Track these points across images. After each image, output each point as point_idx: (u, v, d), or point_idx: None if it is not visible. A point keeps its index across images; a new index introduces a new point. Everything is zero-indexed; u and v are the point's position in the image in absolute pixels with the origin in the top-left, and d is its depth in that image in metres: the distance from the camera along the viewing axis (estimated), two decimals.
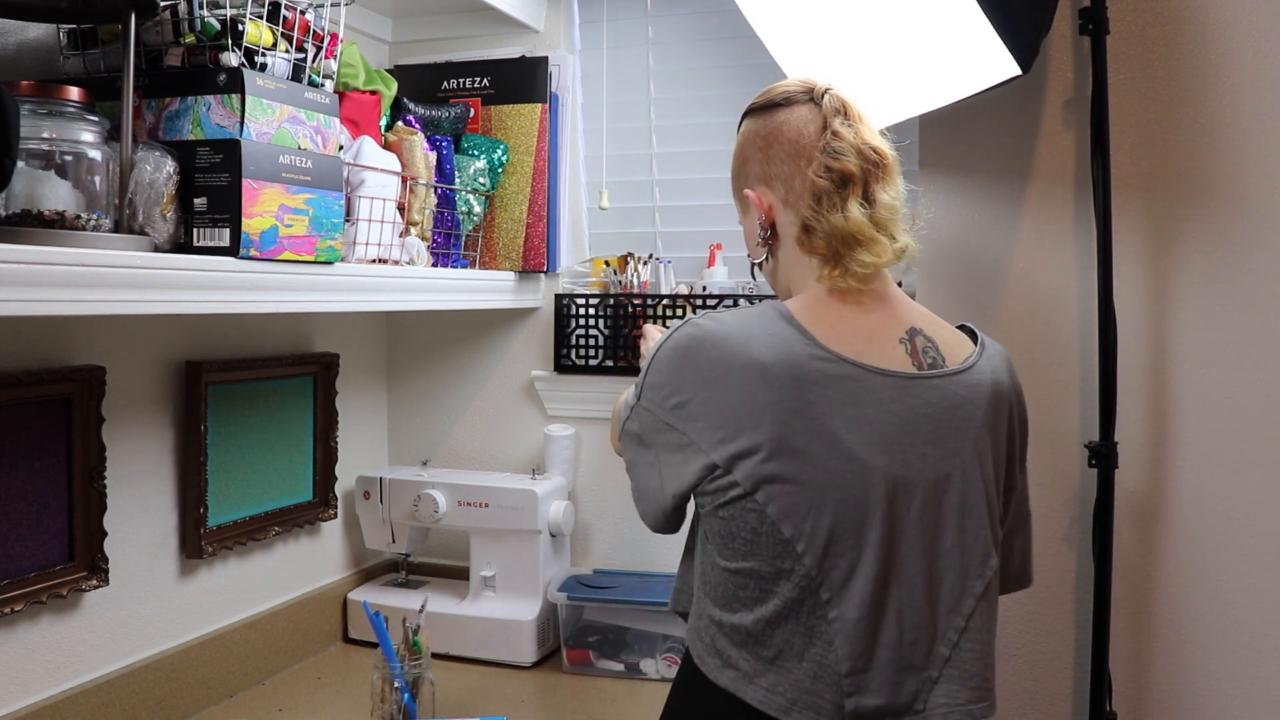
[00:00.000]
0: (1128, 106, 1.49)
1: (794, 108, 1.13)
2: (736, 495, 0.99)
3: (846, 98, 1.13)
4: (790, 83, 1.16)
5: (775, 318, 1.04)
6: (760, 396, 0.98)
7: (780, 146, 1.12)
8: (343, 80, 1.52)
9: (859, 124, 1.11)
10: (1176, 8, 1.46)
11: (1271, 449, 1.45)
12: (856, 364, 1.01)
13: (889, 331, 1.07)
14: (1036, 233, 1.55)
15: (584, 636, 1.67)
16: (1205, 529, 1.48)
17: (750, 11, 1.44)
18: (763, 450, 0.98)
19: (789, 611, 1.00)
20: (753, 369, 0.99)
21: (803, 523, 0.98)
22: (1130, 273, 1.50)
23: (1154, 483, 1.50)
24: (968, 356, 1.10)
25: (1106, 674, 1.45)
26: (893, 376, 1.02)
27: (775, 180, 1.13)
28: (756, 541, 0.99)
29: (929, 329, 1.11)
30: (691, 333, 1.04)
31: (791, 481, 0.98)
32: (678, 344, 1.04)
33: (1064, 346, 1.54)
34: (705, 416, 1.00)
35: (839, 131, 1.09)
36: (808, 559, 0.98)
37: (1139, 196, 1.49)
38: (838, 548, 0.99)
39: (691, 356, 1.02)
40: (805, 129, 1.11)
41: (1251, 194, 1.44)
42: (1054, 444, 1.55)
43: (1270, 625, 1.46)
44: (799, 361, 0.99)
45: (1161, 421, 1.50)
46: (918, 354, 1.07)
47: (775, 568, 0.99)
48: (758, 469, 0.98)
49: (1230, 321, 1.46)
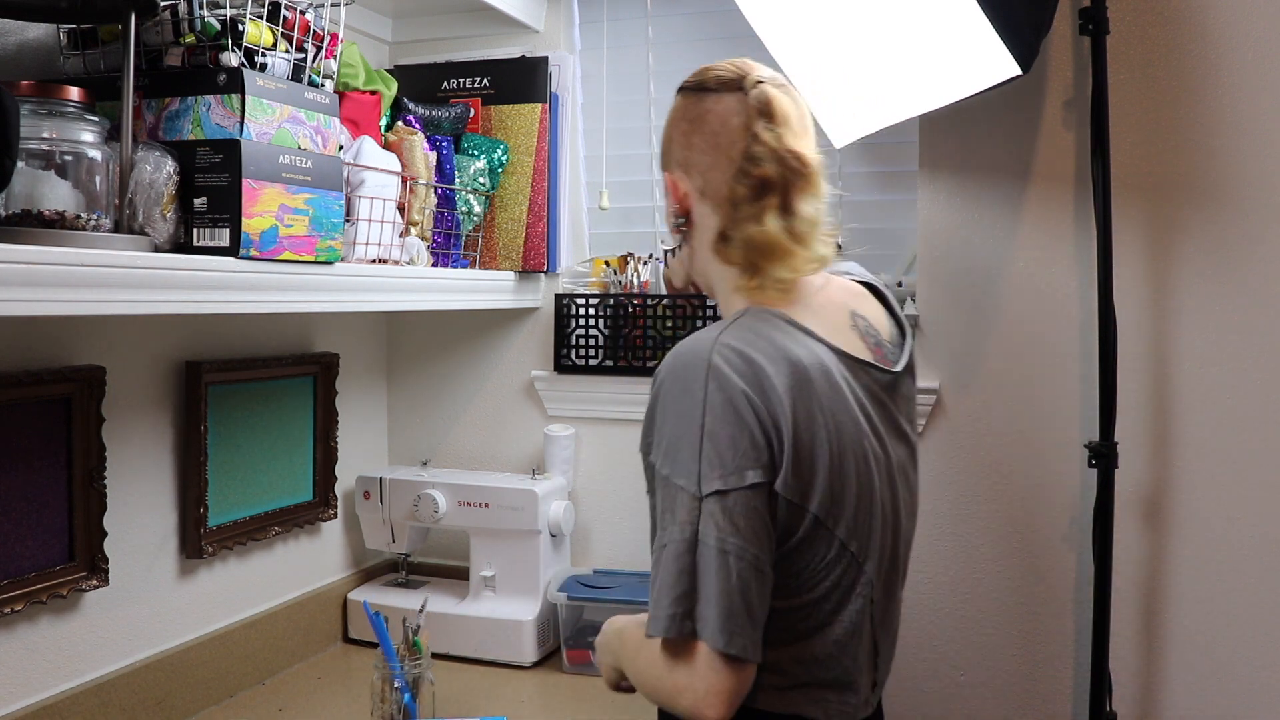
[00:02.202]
0: (1128, 106, 1.49)
1: (721, 96, 1.07)
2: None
3: (774, 94, 1.05)
4: (725, 67, 1.09)
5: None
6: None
7: (702, 136, 1.08)
8: (343, 80, 1.52)
9: (783, 127, 1.04)
10: (1176, 8, 1.46)
11: (1271, 449, 1.45)
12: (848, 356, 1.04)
13: (842, 319, 1.08)
14: (1036, 233, 1.55)
15: (584, 636, 1.67)
16: (1205, 529, 1.48)
17: (750, 11, 1.44)
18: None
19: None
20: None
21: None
22: (1130, 273, 1.50)
23: (1154, 483, 1.50)
24: (898, 337, 1.14)
25: (1106, 674, 1.45)
26: (860, 363, 1.05)
27: (694, 169, 1.09)
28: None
29: (860, 308, 1.12)
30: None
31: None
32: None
33: (1064, 346, 1.54)
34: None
35: (759, 134, 1.04)
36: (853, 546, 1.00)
37: (1139, 196, 1.49)
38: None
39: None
40: (729, 122, 1.06)
41: (1251, 194, 1.44)
42: (1054, 444, 1.55)
43: (1271, 625, 1.46)
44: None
45: (1161, 421, 1.50)
46: (865, 338, 1.08)
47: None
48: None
49: (1230, 321, 1.46)
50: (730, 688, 0.88)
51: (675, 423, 0.94)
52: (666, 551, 0.91)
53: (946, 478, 1.61)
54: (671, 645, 0.91)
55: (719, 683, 0.88)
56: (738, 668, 0.89)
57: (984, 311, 1.58)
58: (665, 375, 0.97)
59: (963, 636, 1.61)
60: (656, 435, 0.96)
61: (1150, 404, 1.50)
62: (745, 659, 0.89)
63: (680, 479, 0.92)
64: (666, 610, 0.90)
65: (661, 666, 0.92)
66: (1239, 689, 1.47)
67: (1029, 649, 1.57)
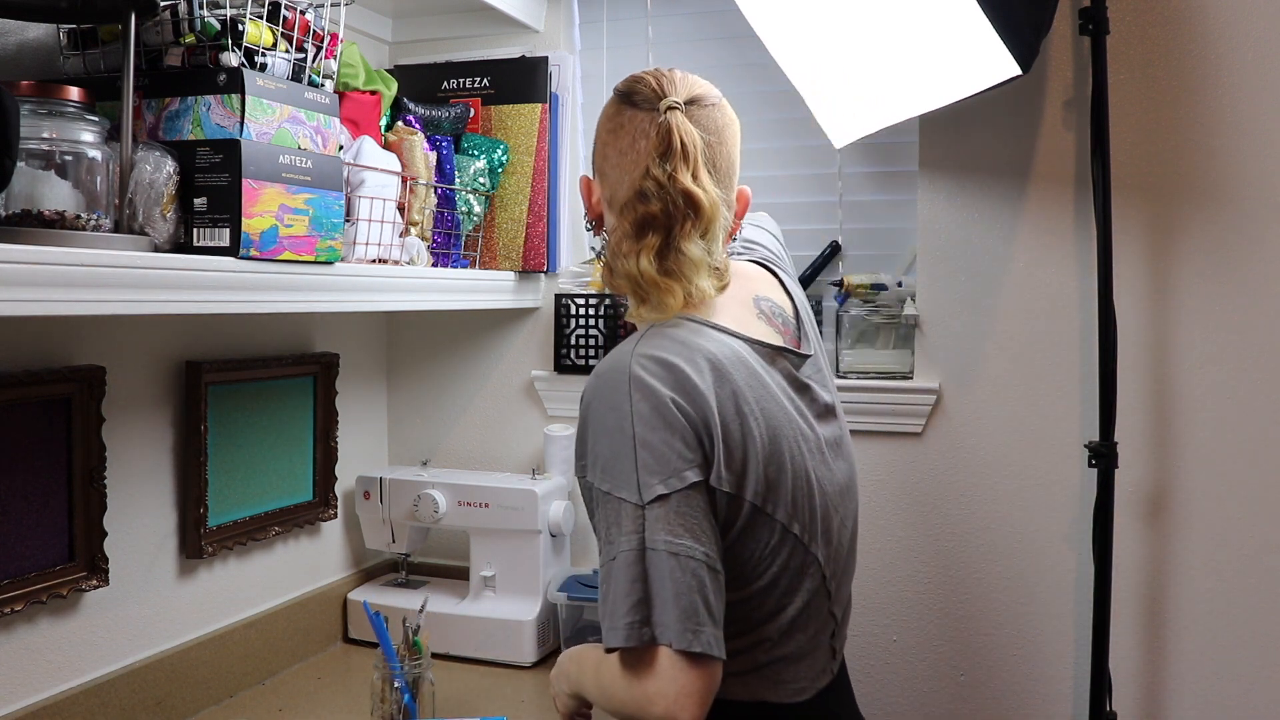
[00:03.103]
0: (1128, 106, 1.49)
1: (637, 113, 1.06)
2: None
3: (677, 125, 1.02)
4: (649, 82, 1.07)
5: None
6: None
7: (615, 149, 1.07)
8: (343, 80, 1.52)
9: (676, 162, 1.01)
10: (1176, 8, 1.46)
11: (1271, 449, 1.45)
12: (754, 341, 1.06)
13: (746, 308, 1.09)
14: (1036, 233, 1.55)
15: (584, 636, 1.67)
16: (1205, 529, 1.48)
17: (750, 11, 1.44)
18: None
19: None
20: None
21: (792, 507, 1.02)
22: (1130, 273, 1.50)
23: (1154, 483, 1.50)
24: (794, 317, 1.15)
25: (1106, 674, 1.45)
26: (774, 349, 1.06)
27: (606, 179, 1.09)
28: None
29: (760, 290, 1.13)
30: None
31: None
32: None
33: (1064, 346, 1.54)
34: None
35: (650, 169, 1.02)
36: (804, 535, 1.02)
37: (1139, 196, 1.49)
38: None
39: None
40: (637, 143, 1.04)
41: (1251, 194, 1.44)
42: (1054, 444, 1.55)
43: (1271, 625, 1.46)
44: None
45: (1161, 421, 1.50)
46: (772, 321, 1.10)
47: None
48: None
49: (1230, 321, 1.46)
50: (700, 687, 0.88)
51: (607, 438, 0.95)
52: (616, 563, 0.91)
53: (946, 478, 1.61)
54: (633, 656, 0.90)
55: (688, 684, 0.87)
56: (704, 666, 0.89)
57: (984, 311, 1.58)
58: (590, 395, 0.98)
59: (963, 636, 1.61)
60: (590, 455, 0.97)
61: (1150, 404, 1.50)
62: (711, 655, 0.89)
63: (621, 491, 0.92)
64: (624, 620, 0.89)
65: (626, 679, 0.91)
66: (1239, 689, 1.48)
67: (1029, 649, 1.58)
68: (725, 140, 1.07)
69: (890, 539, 1.64)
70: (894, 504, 1.64)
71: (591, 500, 0.98)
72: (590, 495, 0.98)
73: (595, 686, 1.00)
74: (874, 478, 1.64)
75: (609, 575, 0.92)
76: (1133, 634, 1.52)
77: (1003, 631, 1.59)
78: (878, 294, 1.64)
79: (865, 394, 1.61)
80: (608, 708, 0.98)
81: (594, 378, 1.00)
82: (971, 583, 1.61)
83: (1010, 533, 1.58)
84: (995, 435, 1.58)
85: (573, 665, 1.09)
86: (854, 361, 1.65)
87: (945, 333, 1.60)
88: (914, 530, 1.63)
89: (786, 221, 1.70)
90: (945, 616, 1.62)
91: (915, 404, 1.61)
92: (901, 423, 1.62)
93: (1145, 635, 1.52)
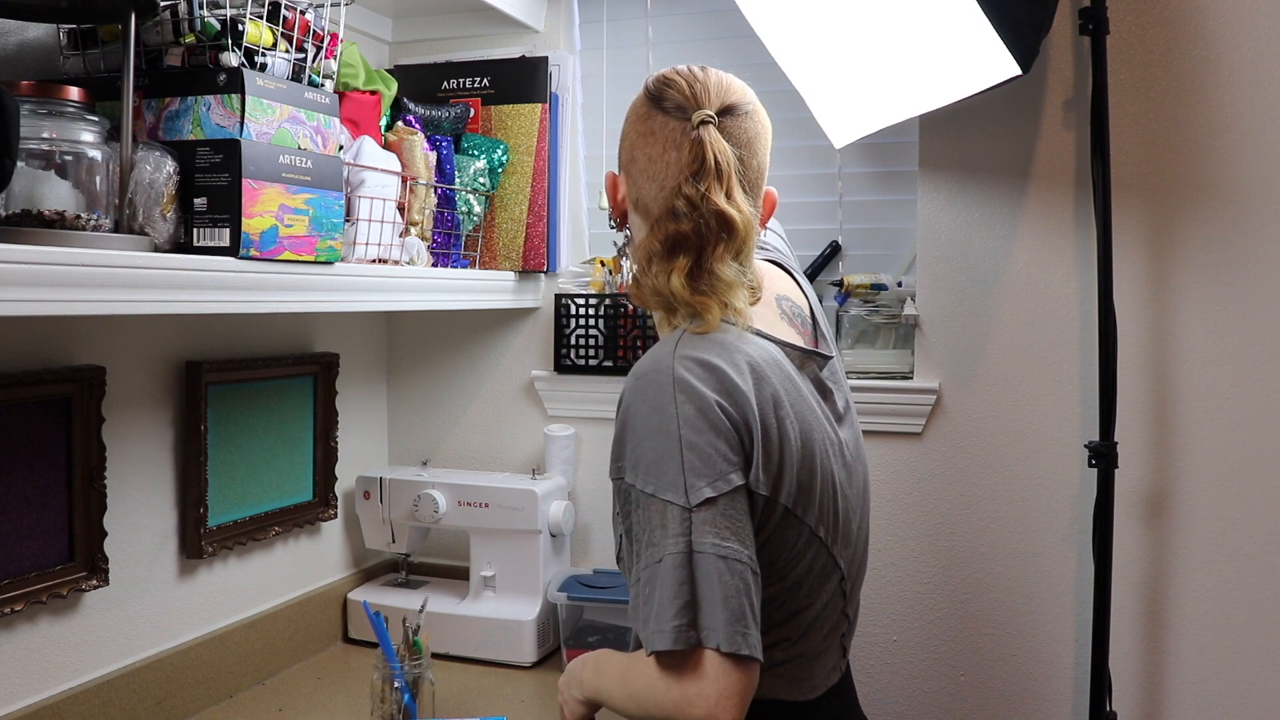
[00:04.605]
0: (1128, 106, 1.49)
1: (669, 120, 1.02)
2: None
3: (710, 141, 0.98)
4: (682, 88, 1.03)
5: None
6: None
7: (645, 153, 1.04)
8: (343, 80, 1.52)
9: (710, 183, 0.98)
10: (1176, 8, 1.46)
11: (1272, 449, 1.45)
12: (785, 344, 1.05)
13: (772, 309, 1.09)
14: (1036, 233, 1.55)
15: (584, 636, 1.67)
16: (1205, 529, 1.48)
17: (750, 11, 1.44)
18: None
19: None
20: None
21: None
22: (1130, 273, 1.50)
23: (1154, 483, 1.50)
24: (811, 315, 1.15)
25: (1106, 674, 1.45)
26: (802, 352, 1.06)
27: (634, 181, 1.07)
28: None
29: (780, 289, 1.12)
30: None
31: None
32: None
33: (1064, 346, 1.54)
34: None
35: (683, 189, 0.99)
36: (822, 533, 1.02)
37: (1139, 196, 1.49)
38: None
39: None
40: (667, 154, 1.01)
41: (1251, 194, 1.44)
42: (1054, 444, 1.55)
43: (1271, 625, 1.46)
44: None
45: (1161, 421, 1.50)
46: (794, 322, 1.09)
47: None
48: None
49: (1230, 321, 1.46)
50: (741, 689, 0.88)
51: (651, 440, 0.93)
52: (662, 566, 0.90)
53: (946, 478, 1.61)
54: (675, 658, 0.89)
55: (730, 686, 0.87)
56: (746, 668, 0.88)
57: (984, 311, 1.58)
58: (631, 397, 0.97)
59: (963, 636, 1.61)
60: (631, 457, 0.95)
61: (1150, 404, 1.50)
62: (754, 658, 0.89)
63: (667, 494, 0.91)
64: (671, 623, 0.88)
65: (665, 681, 0.90)
66: (1239, 689, 1.48)
67: (1029, 649, 1.57)
68: (757, 151, 1.05)
69: (890, 539, 1.64)
70: (894, 504, 1.64)
71: (629, 502, 0.96)
72: (628, 497, 0.96)
73: (622, 691, 0.99)
74: (874, 478, 1.64)
75: (653, 578, 0.90)
76: (1133, 634, 1.52)
77: (1003, 631, 1.59)
78: (878, 294, 1.64)
79: (865, 394, 1.61)
80: (638, 712, 0.96)
81: (634, 379, 0.97)
82: (971, 583, 1.61)
83: (1010, 533, 1.58)
84: (995, 435, 1.58)
85: (588, 671, 1.07)
86: (854, 361, 1.65)
87: (945, 333, 1.60)
88: (914, 530, 1.63)
89: (787, 221, 1.70)
90: (945, 616, 1.62)
91: (915, 404, 1.61)
92: (901, 423, 1.62)
93: (1145, 635, 1.52)
